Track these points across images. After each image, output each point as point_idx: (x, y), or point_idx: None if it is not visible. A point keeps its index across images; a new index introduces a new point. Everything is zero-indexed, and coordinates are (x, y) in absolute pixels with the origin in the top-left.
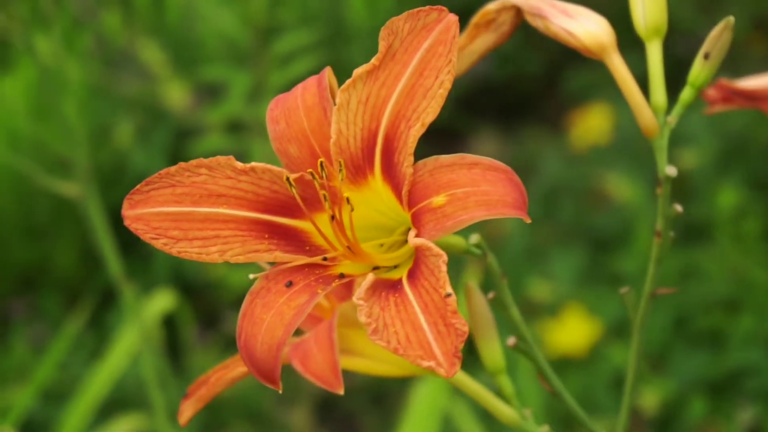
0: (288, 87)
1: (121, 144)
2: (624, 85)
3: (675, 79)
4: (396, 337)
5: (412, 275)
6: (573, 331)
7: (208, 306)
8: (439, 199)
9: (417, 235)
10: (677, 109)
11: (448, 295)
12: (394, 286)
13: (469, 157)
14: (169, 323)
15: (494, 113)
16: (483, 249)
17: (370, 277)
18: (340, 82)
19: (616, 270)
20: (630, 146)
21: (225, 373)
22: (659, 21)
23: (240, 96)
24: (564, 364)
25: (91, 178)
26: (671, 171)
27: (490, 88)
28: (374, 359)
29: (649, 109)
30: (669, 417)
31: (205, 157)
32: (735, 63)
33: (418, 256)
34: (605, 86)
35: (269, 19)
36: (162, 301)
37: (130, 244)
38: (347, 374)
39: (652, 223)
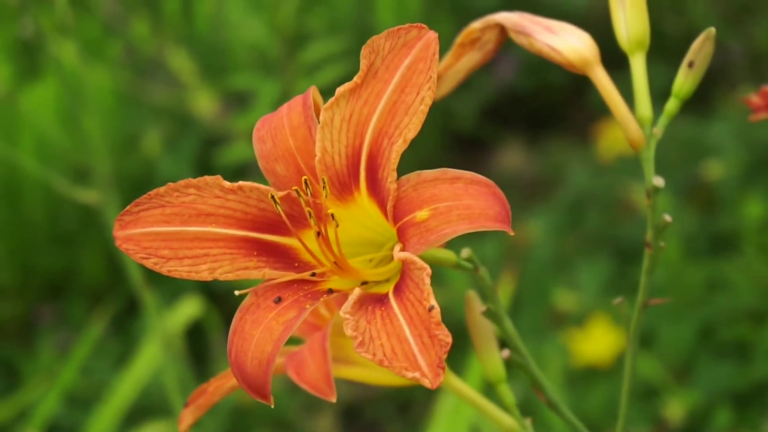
0: None
1: (149, 152)
2: (609, 99)
3: (705, 88)
4: (382, 349)
5: (397, 289)
6: (598, 341)
7: (234, 313)
8: (422, 214)
9: (402, 249)
10: (662, 120)
11: (432, 307)
12: (381, 300)
13: (451, 172)
14: (197, 330)
15: (521, 123)
16: (474, 263)
17: (357, 291)
18: None
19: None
20: (657, 156)
21: (223, 383)
22: (641, 34)
23: (268, 104)
24: (589, 374)
25: (111, 185)
26: (658, 182)
27: (516, 98)
28: (369, 368)
29: (635, 121)
30: (694, 427)
31: (234, 164)
32: (762, 73)
33: (403, 270)
34: (630, 97)
35: (297, 27)
36: (189, 308)
37: None
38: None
39: (679, 233)
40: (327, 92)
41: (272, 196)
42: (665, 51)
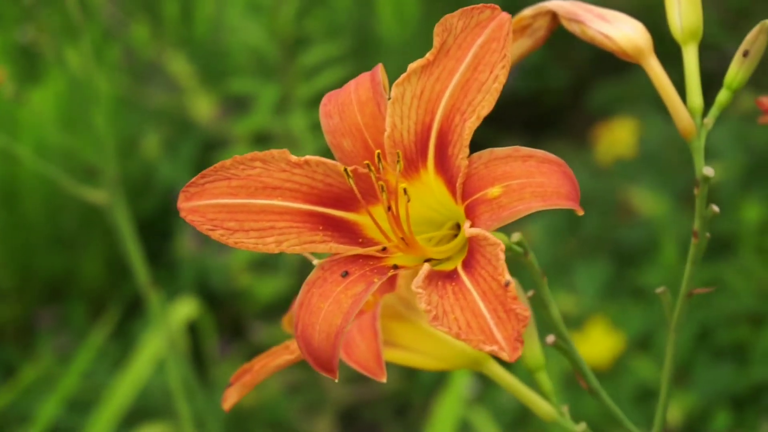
0: (315, 99)
1: (148, 155)
2: (661, 88)
3: (702, 92)
4: (456, 323)
5: (467, 265)
6: (597, 344)
7: (232, 317)
8: (494, 191)
9: (472, 226)
10: (713, 111)
11: (508, 282)
12: (449, 276)
13: (524, 150)
14: (193, 334)
15: (520, 126)
16: (524, 247)
17: (427, 266)
18: None
19: (641, 283)
20: (655, 160)
21: (270, 361)
22: (695, 24)
23: (267, 108)
24: None
25: (119, 186)
26: (709, 171)
27: (515, 101)
28: (415, 352)
29: (686, 111)
30: (692, 430)
31: None
32: (760, 76)
33: (473, 246)
34: (631, 100)
35: (296, 31)
36: (185, 308)
37: (156, 254)
38: (371, 384)
39: (678, 237)
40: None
41: (346, 170)
42: (664, 54)
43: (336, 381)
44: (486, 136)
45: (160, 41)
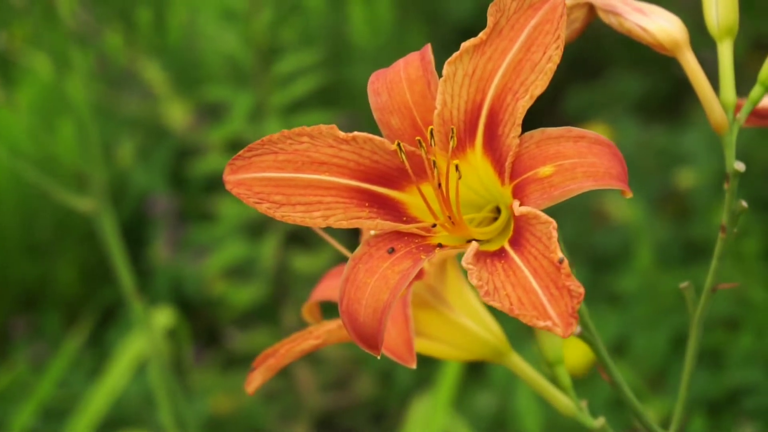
0: (290, 107)
1: (122, 163)
2: (696, 82)
3: (675, 99)
4: (508, 299)
5: (515, 243)
6: (572, 350)
7: (208, 324)
8: (546, 170)
9: (521, 205)
10: (747, 106)
11: (561, 259)
12: (496, 254)
13: (576, 131)
14: (168, 341)
15: None
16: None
17: (475, 244)
18: (342, 99)
19: (616, 289)
20: (630, 165)
21: (294, 345)
22: (731, 21)
23: (242, 116)
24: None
25: (106, 193)
26: (740, 166)
27: None
28: (440, 341)
29: (720, 105)
30: None
31: (207, 176)
32: (735, 83)
33: (521, 225)
34: (605, 105)
35: (271, 39)
36: (163, 317)
37: (131, 262)
38: (348, 391)
39: (652, 242)
40: (300, 104)
41: (399, 145)
42: (643, 61)
43: (378, 358)
44: None
45: (134, 48)
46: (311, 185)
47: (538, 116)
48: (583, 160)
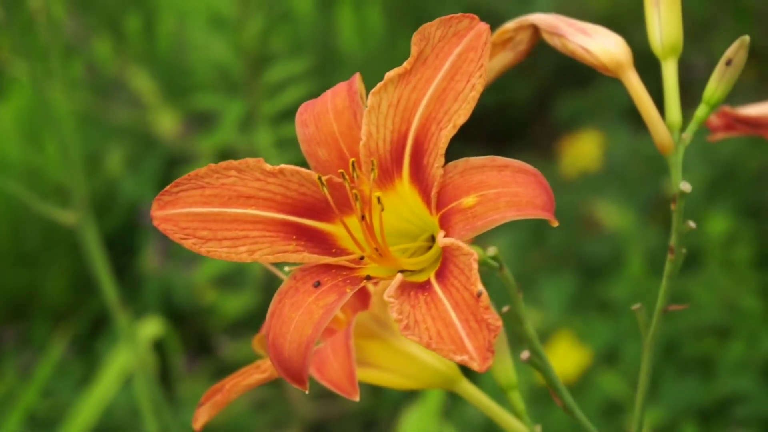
0: (280, 116)
1: (111, 172)
2: (640, 103)
3: (663, 104)
4: (428, 333)
5: (440, 275)
6: (563, 358)
7: (198, 333)
8: (469, 200)
9: (446, 236)
10: (692, 126)
11: (480, 292)
12: (422, 287)
13: (500, 159)
14: (158, 350)
15: (484, 140)
16: (500, 262)
17: (399, 276)
18: None
19: (607, 297)
20: (620, 173)
21: (240, 380)
22: (675, 39)
23: (232, 124)
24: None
25: (88, 206)
26: (685, 187)
27: (480, 114)
28: (388, 371)
29: (665, 126)
30: None
31: None
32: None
33: (446, 256)
34: (595, 112)
35: (261, 47)
36: (151, 328)
37: (120, 271)
38: (339, 400)
39: (643, 250)
40: (290, 112)
41: (320, 178)
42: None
43: (306, 393)
44: (450, 148)
45: (123, 57)
46: (237, 219)
47: (528, 124)
48: (506, 189)
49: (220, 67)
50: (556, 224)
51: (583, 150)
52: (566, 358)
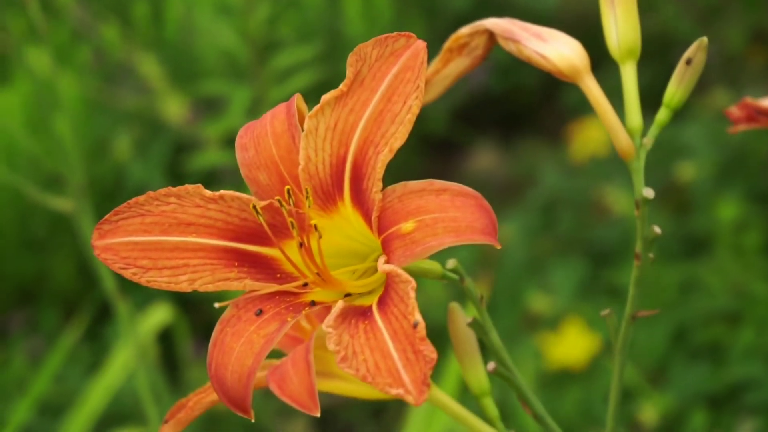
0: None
1: (119, 157)
2: (599, 108)
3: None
4: (365, 365)
5: (381, 302)
6: (572, 344)
7: (206, 319)
8: (407, 225)
9: (387, 261)
10: (653, 130)
11: (416, 323)
12: (365, 313)
13: (438, 183)
14: (167, 336)
15: (493, 125)
16: (460, 274)
17: (340, 304)
18: None
19: (616, 283)
20: None
21: (203, 397)
22: (633, 43)
23: (239, 110)
24: (563, 377)
25: (85, 193)
26: (648, 193)
27: (488, 100)
28: (351, 381)
29: (625, 131)
30: (669, 430)
31: (204, 170)
32: (734, 75)
33: (387, 282)
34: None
35: (268, 33)
36: (159, 315)
37: None
38: None
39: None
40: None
41: (254, 206)
42: (642, 54)
43: (252, 421)
44: (459, 134)
45: (130, 43)
46: (178, 248)
47: (537, 109)
48: (444, 214)
49: (227, 53)
50: (498, 247)
51: (592, 135)
52: (576, 343)
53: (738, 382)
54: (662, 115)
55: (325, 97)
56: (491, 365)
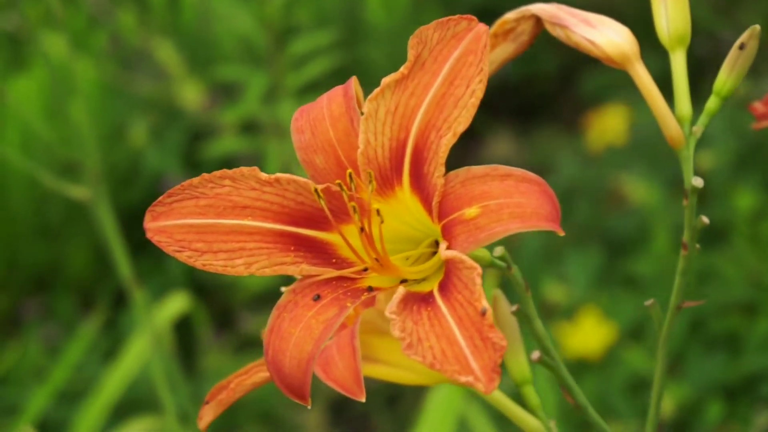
0: (304, 88)
1: (135, 144)
2: (648, 95)
3: (694, 78)
4: (431, 351)
5: (443, 288)
6: (588, 334)
7: (222, 306)
8: (471, 211)
9: (448, 248)
10: (702, 118)
11: (485, 310)
12: (425, 299)
13: (502, 168)
14: (184, 324)
15: (510, 113)
16: (507, 261)
17: (401, 290)
18: (361, 82)
19: (632, 272)
20: (647, 148)
21: (245, 379)
22: (683, 30)
23: (256, 96)
24: (579, 368)
25: (101, 181)
26: (698, 182)
27: (506, 88)
28: (396, 367)
29: (674, 119)
30: (685, 421)
31: (221, 157)
32: (753, 64)
33: (449, 268)
34: (622, 87)
35: (285, 19)
36: (177, 304)
37: (143, 245)
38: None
39: (669, 225)
40: (315, 85)
41: (316, 190)
42: (655, 40)
43: (309, 408)
44: (477, 122)
45: (147, 28)
46: (233, 231)
47: (554, 98)
48: (509, 200)
49: (244, 39)
50: (562, 233)
51: (609, 124)
52: (592, 334)
53: (754, 373)
54: (712, 103)
55: (385, 80)
56: (536, 354)
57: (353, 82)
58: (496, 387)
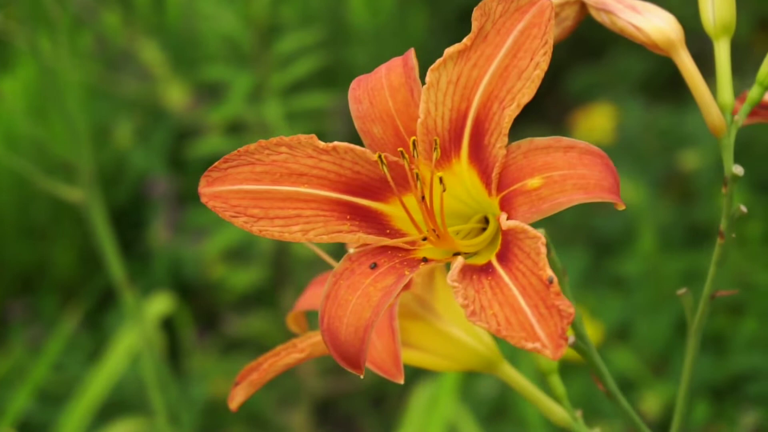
0: (290, 88)
1: (120, 144)
2: (692, 83)
3: (679, 78)
4: (495, 319)
5: (503, 258)
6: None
7: (206, 307)
8: (534, 182)
9: (508, 219)
10: (745, 107)
11: (551, 278)
12: (484, 269)
13: (565, 140)
14: (168, 325)
15: None
16: (548, 245)
17: (460, 260)
18: (341, 82)
19: (619, 272)
20: (633, 147)
21: (277, 360)
22: (729, 20)
23: (241, 96)
24: (565, 368)
25: (94, 182)
26: (738, 170)
27: None
28: (429, 352)
29: (717, 107)
30: (671, 421)
31: (206, 157)
32: (740, 63)
33: (508, 239)
34: (609, 85)
35: (270, 19)
36: (160, 304)
37: (128, 244)
38: (348, 376)
39: (655, 225)
40: (300, 85)
41: (380, 157)
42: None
43: (362, 377)
44: None
45: (132, 29)
46: (290, 198)
47: (541, 96)
48: (573, 171)
49: (229, 39)
50: (623, 207)
51: (596, 123)
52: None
53: (741, 373)
54: (755, 92)
55: (448, 51)
56: (571, 339)
57: (412, 53)
58: (563, 354)
